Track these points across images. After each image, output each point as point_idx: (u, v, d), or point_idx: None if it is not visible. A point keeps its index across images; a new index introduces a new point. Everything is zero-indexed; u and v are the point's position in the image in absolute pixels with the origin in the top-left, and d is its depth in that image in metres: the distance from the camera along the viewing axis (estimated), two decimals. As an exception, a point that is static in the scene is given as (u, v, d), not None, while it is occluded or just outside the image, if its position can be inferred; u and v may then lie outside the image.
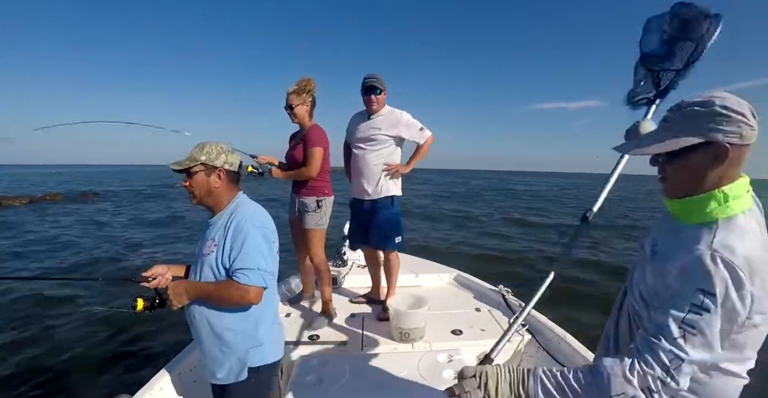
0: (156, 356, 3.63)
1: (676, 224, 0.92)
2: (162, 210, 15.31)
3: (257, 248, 1.35)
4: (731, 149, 0.81)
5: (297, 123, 2.65)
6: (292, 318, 2.73)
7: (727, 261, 0.75)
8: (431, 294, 2.45)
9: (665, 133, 0.87)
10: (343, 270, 3.63)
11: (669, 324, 0.76)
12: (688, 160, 0.85)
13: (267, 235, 1.40)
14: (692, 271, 0.77)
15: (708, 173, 0.84)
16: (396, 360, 2.02)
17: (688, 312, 0.75)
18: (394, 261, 2.86)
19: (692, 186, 0.87)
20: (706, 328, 0.74)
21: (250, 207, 1.45)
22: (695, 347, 0.75)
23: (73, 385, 3.21)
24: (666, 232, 0.95)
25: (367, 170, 2.69)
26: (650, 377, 0.75)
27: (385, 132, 2.64)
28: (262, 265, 1.34)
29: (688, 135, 0.83)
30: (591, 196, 1.55)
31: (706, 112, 0.81)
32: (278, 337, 1.55)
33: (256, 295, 1.33)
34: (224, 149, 1.47)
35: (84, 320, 4.39)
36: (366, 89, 2.60)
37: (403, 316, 2.34)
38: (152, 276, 1.42)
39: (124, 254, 7.77)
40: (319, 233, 2.68)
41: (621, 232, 11.47)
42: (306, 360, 1.97)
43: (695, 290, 0.75)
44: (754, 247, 0.77)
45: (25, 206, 16.39)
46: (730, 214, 0.82)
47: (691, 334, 0.75)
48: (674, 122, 0.86)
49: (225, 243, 1.36)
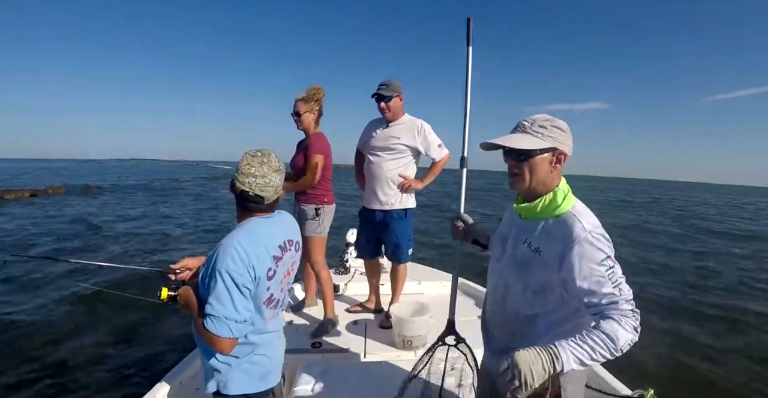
0: (158, 364, 3.61)
1: (535, 222, 1.16)
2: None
3: (227, 295, 1.18)
4: (566, 157, 1.13)
5: (302, 130, 2.66)
6: (294, 325, 2.72)
7: (600, 233, 1.05)
8: (434, 301, 2.45)
9: (524, 136, 1.12)
10: (345, 277, 3.63)
11: (610, 291, 1.02)
12: (537, 161, 1.11)
13: (238, 279, 1.19)
14: (588, 252, 1.03)
15: (550, 173, 1.13)
16: (399, 368, 2.01)
17: (608, 275, 1.02)
18: (403, 272, 2.84)
19: (538, 183, 1.13)
20: (621, 278, 1.03)
21: (231, 240, 1.23)
22: (628, 289, 1.04)
23: (77, 392, 3.20)
24: (531, 231, 1.16)
25: (382, 179, 2.61)
26: (634, 320, 1.02)
27: (404, 141, 2.57)
28: (230, 315, 1.18)
29: (544, 140, 1.10)
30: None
31: (555, 127, 1.11)
32: (253, 369, 1.37)
33: (226, 345, 1.21)
34: (244, 171, 1.28)
35: (87, 322, 4.42)
36: (375, 97, 2.56)
37: (406, 324, 2.33)
38: (180, 269, 1.42)
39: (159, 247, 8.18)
40: (318, 240, 2.68)
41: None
42: (308, 367, 1.96)
43: (600, 262, 1.03)
44: (596, 220, 1.10)
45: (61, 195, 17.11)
46: (574, 204, 1.13)
47: (620, 287, 1.03)
48: (532, 130, 1.11)
49: (203, 276, 1.24)
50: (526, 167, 1.12)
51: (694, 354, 4.33)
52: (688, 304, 6.04)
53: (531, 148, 1.09)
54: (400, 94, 2.56)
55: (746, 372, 3.98)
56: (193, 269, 1.45)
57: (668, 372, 3.93)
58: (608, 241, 1.06)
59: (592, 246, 1.03)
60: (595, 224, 1.08)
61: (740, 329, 5.13)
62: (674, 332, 4.94)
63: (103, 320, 4.45)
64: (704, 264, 9.00)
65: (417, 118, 2.65)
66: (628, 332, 0.99)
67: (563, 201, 1.11)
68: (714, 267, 8.64)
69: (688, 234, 13.74)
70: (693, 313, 5.66)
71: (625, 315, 1.01)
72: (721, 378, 3.84)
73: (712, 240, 12.70)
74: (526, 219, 1.19)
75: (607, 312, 1.02)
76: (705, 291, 6.82)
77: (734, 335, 4.94)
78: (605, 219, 1.12)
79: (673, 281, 7.35)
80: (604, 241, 1.05)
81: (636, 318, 1.02)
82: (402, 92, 2.58)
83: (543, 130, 1.10)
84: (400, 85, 2.58)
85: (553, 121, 1.12)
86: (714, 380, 3.80)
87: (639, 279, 7.22)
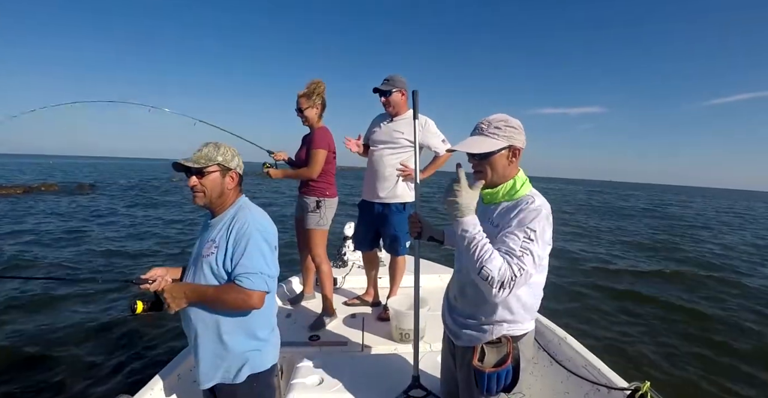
0: (156, 357, 3.62)
1: (495, 205, 1.32)
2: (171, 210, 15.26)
3: (260, 252, 1.33)
4: (520, 151, 1.29)
5: (307, 125, 2.66)
6: (292, 318, 2.72)
7: (545, 213, 1.21)
8: (431, 294, 2.45)
9: (482, 138, 1.27)
10: (343, 270, 3.63)
11: (513, 248, 1.16)
12: (495, 159, 1.27)
13: (269, 240, 1.39)
14: (525, 217, 1.19)
15: (508, 166, 1.29)
16: (396, 361, 2.01)
17: (522, 240, 1.17)
18: (401, 265, 2.85)
19: (499, 176, 1.29)
20: (530, 252, 1.16)
21: (253, 210, 1.43)
22: (527, 264, 1.16)
23: (73, 386, 3.21)
24: (492, 212, 1.32)
25: (382, 172, 2.62)
26: (510, 273, 1.14)
27: (408, 137, 2.56)
28: (264, 269, 1.33)
29: (500, 140, 1.25)
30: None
31: (509, 127, 1.26)
32: (277, 341, 1.54)
33: (259, 299, 1.32)
34: (236, 152, 1.47)
35: (83, 321, 4.39)
36: (377, 92, 2.57)
37: (404, 317, 2.34)
38: (151, 279, 1.39)
39: (126, 254, 7.74)
40: (320, 233, 2.67)
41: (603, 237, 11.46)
42: (306, 360, 1.96)
43: (525, 226, 1.18)
44: (548, 205, 1.25)
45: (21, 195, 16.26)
46: (530, 189, 1.30)
47: (524, 257, 1.15)
48: (489, 132, 1.26)
49: (227, 246, 1.34)
50: (487, 165, 1.28)
51: (691, 348, 4.37)
52: (686, 297, 6.09)
53: (489, 151, 1.25)
54: (401, 89, 2.56)
55: (743, 366, 4.02)
56: (165, 277, 1.41)
57: (665, 365, 3.96)
58: (546, 221, 1.21)
59: (530, 215, 1.19)
60: (545, 206, 1.23)
61: (737, 323, 5.17)
62: (671, 326, 4.98)
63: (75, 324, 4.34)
64: (704, 260, 9.05)
65: (422, 114, 2.63)
66: (503, 268, 1.13)
67: (521, 187, 1.29)
68: (714, 264, 8.70)
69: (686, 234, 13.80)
70: (689, 307, 5.70)
71: (510, 263, 1.14)
72: (720, 370, 3.88)
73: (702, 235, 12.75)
74: (488, 204, 1.36)
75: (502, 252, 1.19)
76: (703, 286, 6.87)
77: (732, 329, 4.98)
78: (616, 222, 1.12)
79: (669, 278, 7.40)
80: (543, 220, 1.19)
81: (512, 276, 1.13)
82: (405, 87, 2.58)
83: (498, 130, 1.25)
84: (404, 81, 2.58)
85: (507, 122, 1.27)
86: (710, 373, 3.84)
87: (640, 279, 7.27)
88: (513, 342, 1.30)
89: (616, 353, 4.06)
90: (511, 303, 1.28)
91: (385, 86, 2.54)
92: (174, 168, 1.39)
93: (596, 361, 1.90)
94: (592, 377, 1.83)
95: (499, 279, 1.12)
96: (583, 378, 1.86)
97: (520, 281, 1.14)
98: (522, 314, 1.31)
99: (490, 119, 1.28)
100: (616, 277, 7.00)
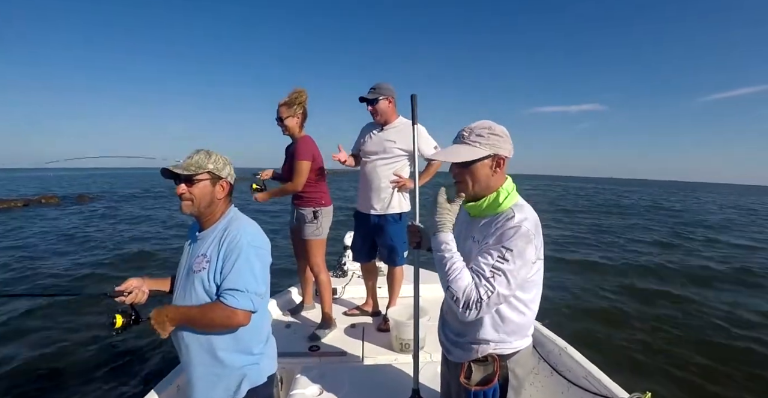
0: (153, 367, 3.58)
1: (480, 218, 1.26)
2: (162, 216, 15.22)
3: (250, 267, 1.28)
4: (506, 160, 1.22)
5: (288, 135, 2.63)
6: (292, 328, 2.71)
7: (524, 230, 1.12)
8: (431, 304, 2.45)
9: (463, 147, 1.21)
10: (342, 280, 3.62)
11: (484, 268, 1.12)
12: (477, 168, 1.20)
13: (261, 255, 1.33)
14: (504, 235, 1.13)
15: (492, 176, 1.22)
16: (396, 372, 2.00)
17: (496, 259, 1.11)
18: (399, 275, 2.84)
19: (482, 187, 1.22)
20: (503, 273, 1.10)
21: (244, 223, 1.37)
22: (499, 285, 1.10)
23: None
24: (476, 226, 1.27)
25: (377, 184, 2.58)
26: (477, 296, 1.10)
27: (400, 145, 2.52)
28: (251, 286, 1.27)
29: (482, 149, 1.19)
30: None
31: (493, 134, 1.19)
32: (272, 352, 1.51)
33: (244, 317, 1.27)
34: (228, 161, 1.41)
35: (67, 335, 4.27)
36: (364, 101, 2.53)
37: (404, 327, 2.33)
38: (127, 291, 1.34)
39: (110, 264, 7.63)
40: (318, 243, 2.67)
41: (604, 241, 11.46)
42: (306, 371, 1.95)
43: (501, 246, 1.12)
44: (535, 215, 1.20)
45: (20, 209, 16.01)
46: (516, 201, 1.22)
47: (495, 279, 1.10)
48: (470, 140, 1.20)
49: (218, 260, 1.29)
50: (468, 175, 1.22)
51: (693, 358, 4.34)
52: (689, 306, 6.07)
53: (469, 160, 1.19)
54: (388, 97, 2.51)
55: (746, 373, 3.99)
56: (141, 288, 1.37)
57: (666, 375, 3.93)
58: (526, 238, 1.12)
59: (508, 233, 1.13)
60: (529, 220, 1.16)
61: (741, 328, 5.14)
62: (672, 334, 4.96)
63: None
64: (707, 264, 9.04)
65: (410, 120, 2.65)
66: (468, 289, 1.10)
67: (505, 199, 1.21)
68: (715, 268, 8.68)
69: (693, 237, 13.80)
70: (694, 314, 5.67)
71: (477, 286, 1.11)
72: (721, 380, 3.85)
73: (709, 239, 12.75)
74: (474, 217, 1.29)
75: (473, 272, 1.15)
76: (708, 288, 6.85)
77: (735, 335, 4.95)
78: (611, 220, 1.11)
79: (673, 279, 7.38)
80: (521, 238, 1.12)
81: (478, 299, 1.09)
82: (392, 95, 2.53)
83: (480, 138, 1.19)
84: (391, 88, 2.53)
85: (491, 129, 1.20)
86: (713, 384, 3.81)
87: (639, 278, 7.25)
88: (501, 361, 1.26)
89: (616, 363, 4.03)
90: (495, 321, 1.24)
91: (372, 94, 2.49)
92: (163, 175, 1.34)
93: (597, 372, 1.90)
94: (593, 387, 1.82)
95: (464, 300, 1.10)
96: (584, 388, 1.85)
97: (490, 302, 1.10)
98: (508, 333, 1.26)
99: (473, 126, 1.22)
100: (617, 284, 6.99)
